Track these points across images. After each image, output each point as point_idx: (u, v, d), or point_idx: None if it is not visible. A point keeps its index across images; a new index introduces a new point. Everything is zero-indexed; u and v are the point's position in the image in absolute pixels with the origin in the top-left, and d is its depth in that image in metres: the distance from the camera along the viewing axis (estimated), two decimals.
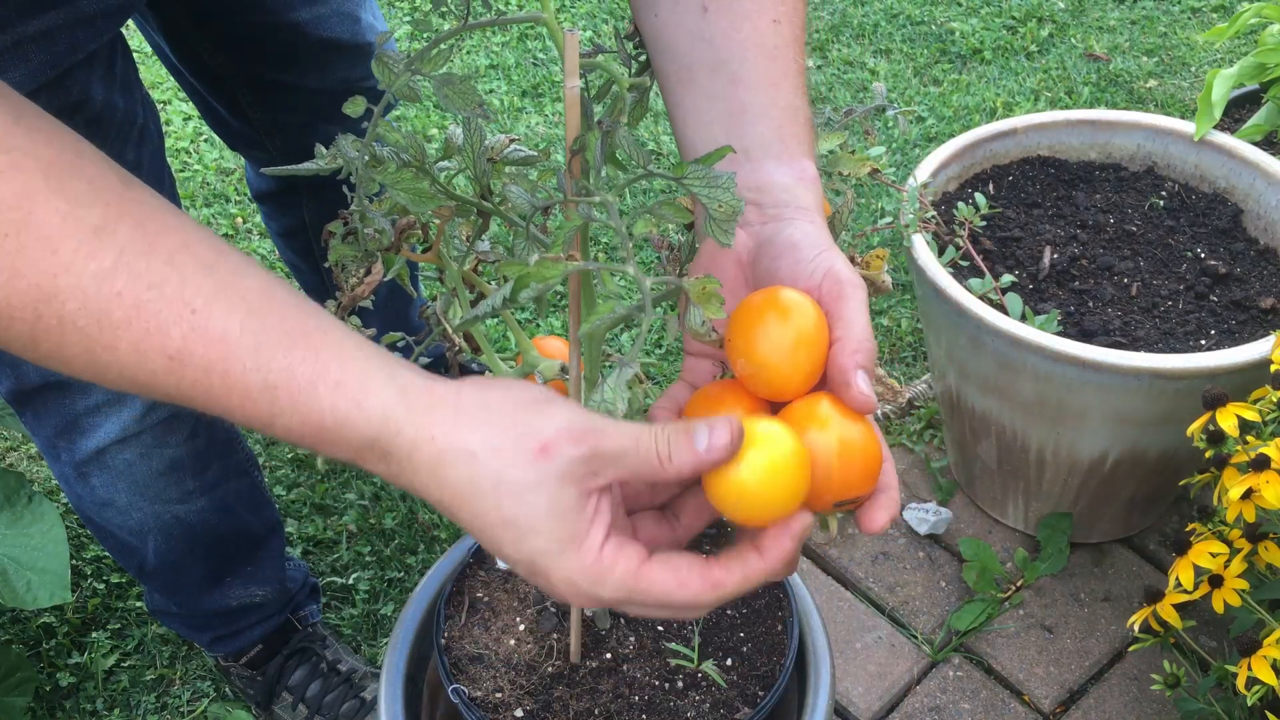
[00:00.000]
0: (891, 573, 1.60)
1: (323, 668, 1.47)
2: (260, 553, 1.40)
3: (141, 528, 1.27)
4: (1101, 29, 2.84)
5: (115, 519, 1.27)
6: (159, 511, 1.26)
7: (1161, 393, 1.33)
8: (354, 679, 1.46)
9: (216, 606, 1.40)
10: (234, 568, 1.38)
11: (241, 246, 2.21)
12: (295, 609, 1.49)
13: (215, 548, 1.34)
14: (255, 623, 1.45)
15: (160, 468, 1.23)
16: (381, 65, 0.73)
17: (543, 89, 2.63)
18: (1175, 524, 1.65)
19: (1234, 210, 1.60)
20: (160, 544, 1.30)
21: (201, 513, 1.29)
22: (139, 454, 1.21)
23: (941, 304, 1.42)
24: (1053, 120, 1.68)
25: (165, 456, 1.22)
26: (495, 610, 1.01)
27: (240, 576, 1.39)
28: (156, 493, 1.25)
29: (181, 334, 0.55)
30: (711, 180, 0.64)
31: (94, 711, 1.49)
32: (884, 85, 0.84)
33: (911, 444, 1.77)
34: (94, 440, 1.19)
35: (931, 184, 1.56)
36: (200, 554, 1.33)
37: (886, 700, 1.45)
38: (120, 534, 1.29)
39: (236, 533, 1.35)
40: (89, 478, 1.22)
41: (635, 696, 0.95)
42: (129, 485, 1.23)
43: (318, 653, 1.48)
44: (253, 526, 1.38)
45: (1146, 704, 1.44)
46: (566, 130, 0.74)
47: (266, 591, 1.42)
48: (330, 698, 1.45)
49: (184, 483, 1.26)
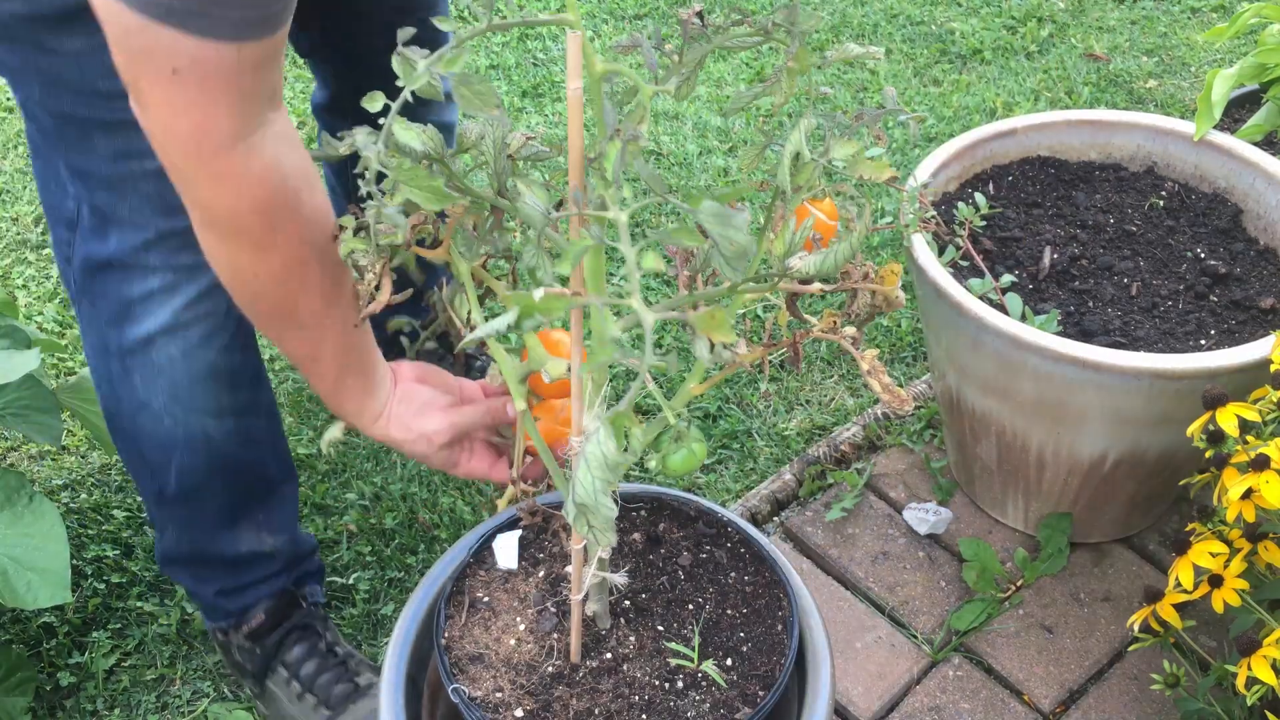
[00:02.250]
0: (891, 573, 1.60)
1: (321, 647, 1.48)
2: (275, 498, 1.43)
3: (170, 440, 1.32)
4: (1101, 29, 2.84)
5: (148, 425, 1.31)
6: (190, 422, 1.31)
7: (1161, 393, 1.33)
8: (350, 663, 1.48)
9: (227, 551, 1.41)
10: (249, 508, 1.41)
11: None
12: (300, 582, 1.50)
13: (235, 480, 1.37)
14: (261, 580, 1.46)
15: (199, 372, 1.29)
16: (402, 62, 0.73)
17: (543, 89, 2.63)
18: (1175, 524, 1.65)
19: (1234, 210, 1.61)
20: (184, 462, 1.33)
21: (228, 435, 1.33)
22: (182, 351, 1.27)
23: (941, 304, 1.42)
24: (1053, 120, 1.69)
25: (205, 360, 1.29)
26: (495, 610, 1.01)
27: (253, 521, 1.41)
28: (191, 399, 1.30)
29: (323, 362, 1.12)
30: (724, 219, 0.64)
31: (94, 711, 1.49)
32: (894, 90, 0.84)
33: (911, 444, 1.77)
34: (143, 327, 1.25)
35: (931, 184, 1.56)
36: (219, 483, 1.36)
37: (886, 700, 1.46)
38: (148, 448, 1.33)
39: (256, 469, 1.39)
40: (131, 373, 1.28)
41: (635, 696, 0.95)
42: (168, 386, 1.29)
43: (318, 632, 1.49)
44: (271, 468, 1.41)
45: (1146, 704, 1.44)
46: (569, 132, 0.74)
47: (277, 541, 1.44)
48: (325, 678, 1.46)
49: (218, 395, 1.31)
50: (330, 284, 1.06)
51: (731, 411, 1.86)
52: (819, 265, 0.80)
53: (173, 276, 1.24)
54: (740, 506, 1.68)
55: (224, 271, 1.05)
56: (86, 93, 1.12)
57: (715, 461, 1.79)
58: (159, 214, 1.19)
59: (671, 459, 0.81)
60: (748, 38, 0.77)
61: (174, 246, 1.22)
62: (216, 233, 1.01)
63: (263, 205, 0.98)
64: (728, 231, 0.65)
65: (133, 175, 1.16)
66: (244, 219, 0.99)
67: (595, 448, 0.63)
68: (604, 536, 0.61)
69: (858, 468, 1.75)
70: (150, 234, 1.20)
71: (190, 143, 0.93)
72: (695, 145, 2.43)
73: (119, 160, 1.16)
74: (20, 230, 2.26)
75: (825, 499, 1.70)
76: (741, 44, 0.77)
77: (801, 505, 1.71)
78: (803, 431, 1.82)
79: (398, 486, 1.74)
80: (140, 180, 1.16)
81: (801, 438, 1.82)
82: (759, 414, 1.86)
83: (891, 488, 1.71)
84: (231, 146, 0.94)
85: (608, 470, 0.63)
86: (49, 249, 2.22)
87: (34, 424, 1.44)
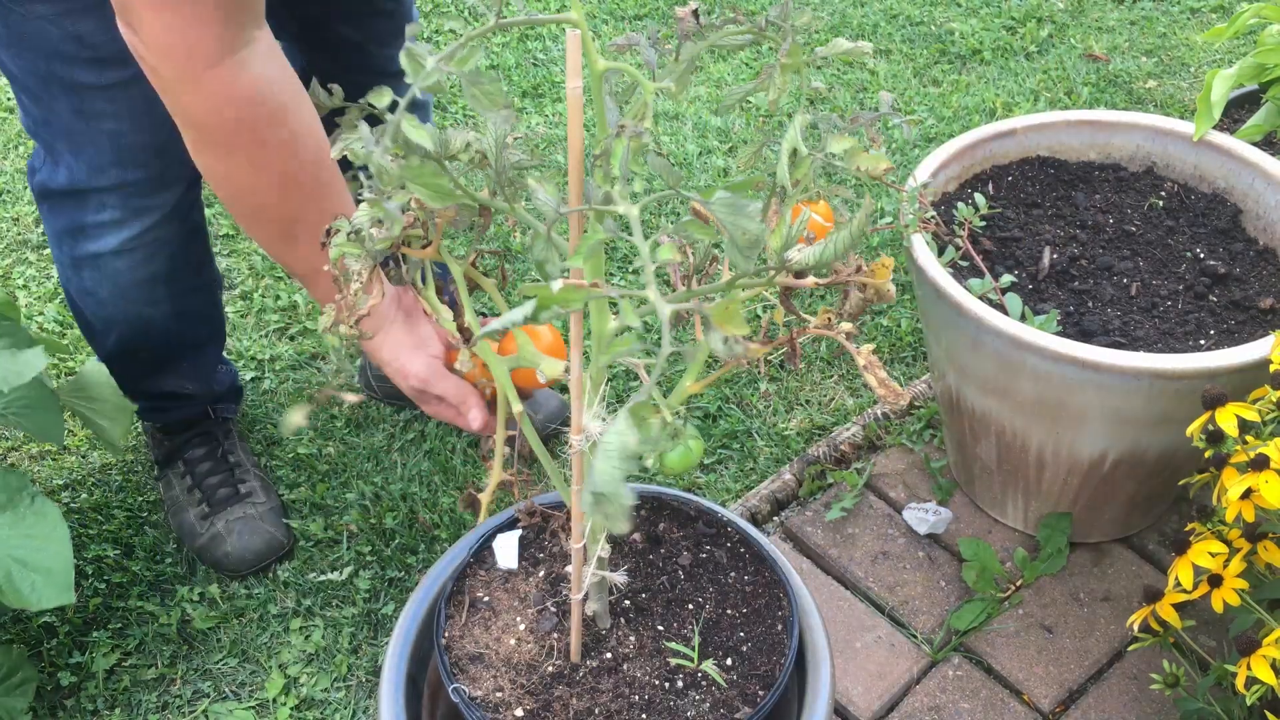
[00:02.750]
0: (891, 572, 1.60)
1: (218, 453, 1.72)
2: (199, 357, 1.67)
3: (111, 319, 1.53)
4: (1101, 29, 2.84)
5: (92, 307, 1.52)
6: (129, 310, 1.51)
7: (1161, 393, 1.33)
8: (237, 471, 1.71)
9: (151, 389, 1.66)
10: (175, 363, 1.63)
11: (241, 247, 2.21)
12: (215, 403, 1.74)
13: (164, 345, 1.59)
14: (180, 409, 1.71)
15: (142, 278, 1.48)
16: (410, 59, 0.73)
17: (543, 89, 2.63)
18: (1175, 524, 1.65)
19: (1233, 210, 1.61)
20: (123, 334, 1.55)
21: (164, 317, 1.54)
22: (128, 265, 1.46)
23: (941, 304, 1.42)
24: (1052, 121, 1.69)
25: (149, 270, 1.48)
26: (495, 610, 1.02)
27: (175, 372, 1.64)
28: (134, 297, 1.50)
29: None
30: (738, 208, 0.65)
31: (95, 711, 1.50)
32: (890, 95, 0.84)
33: (911, 444, 1.78)
34: (94, 246, 1.44)
35: (931, 184, 1.56)
36: (150, 348, 1.59)
37: (886, 700, 1.46)
38: (93, 320, 1.54)
39: (184, 336, 1.61)
40: (81, 270, 1.47)
41: (635, 696, 0.95)
42: (112, 286, 1.48)
43: (218, 440, 1.73)
44: (199, 334, 1.64)
45: (1146, 703, 1.44)
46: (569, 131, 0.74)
47: (194, 387, 1.68)
48: (212, 480, 1.69)
49: (156, 291, 1.51)
50: (325, 196, 1.11)
51: (731, 411, 1.86)
52: (819, 255, 0.80)
53: (123, 214, 1.41)
54: (740, 506, 1.68)
55: (222, 189, 1.14)
56: (48, 54, 1.25)
57: (715, 461, 1.79)
58: (115, 166, 1.36)
59: (669, 456, 0.81)
60: (741, 35, 0.78)
61: (128, 194, 1.39)
62: (211, 151, 1.09)
63: (251, 118, 1.05)
64: (740, 220, 0.65)
65: (91, 132, 1.32)
66: (235, 133, 1.06)
67: (616, 437, 0.63)
68: (619, 525, 0.62)
69: (857, 468, 1.75)
70: (105, 182, 1.37)
71: (181, 59, 1.01)
72: (695, 145, 2.43)
73: (78, 117, 1.31)
74: (20, 230, 2.26)
75: (825, 499, 1.70)
76: (736, 42, 0.78)
77: (801, 505, 1.71)
78: (803, 431, 1.83)
79: (398, 486, 1.75)
80: (97, 137, 1.32)
81: (801, 438, 1.82)
82: (759, 414, 1.86)
83: (891, 488, 1.71)
84: (219, 62, 1.02)
85: (627, 460, 0.63)
86: (49, 249, 2.22)
87: (35, 424, 1.44)
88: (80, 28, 1.24)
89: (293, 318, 2.06)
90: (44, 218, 1.48)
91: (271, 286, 2.12)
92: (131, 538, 1.69)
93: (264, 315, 2.06)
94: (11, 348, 1.33)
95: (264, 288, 2.12)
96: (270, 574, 1.65)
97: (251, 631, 1.58)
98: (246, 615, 1.60)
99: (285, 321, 2.06)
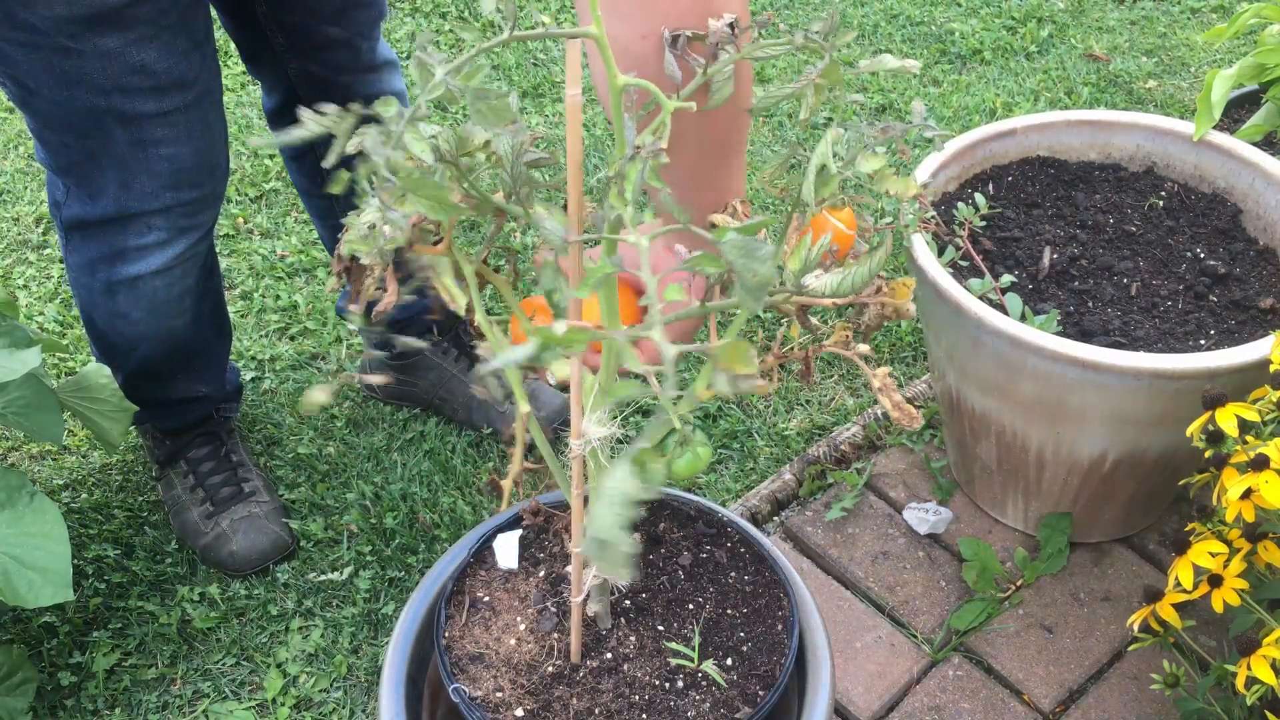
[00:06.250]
0: (891, 572, 1.60)
1: (221, 452, 1.73)
2: (212, 357, 1.68)
3: (140, 337, 1.55)
4: (1101, 29, 2.84)
5: (122, 328, 1.53)
6: (159, 326, 1.54)
7: (1161, 393, 1.33)
8: (239, 470, 1.72)
9: (167, 396, 1.67)
10: (190, 367, 1.65)
11: (241, 247, 2.21)
12: (220, 405, 1.75)
13: (183, 352, 1.61)
14: (192, 409, 1.71)
15: (176, 294, 1.51)
16: (420, 69, 0.73)
17: (543, 89, 2.63)
18: (1175, 524, 1.65)
19: (1233, 210, 1.61)
20: (148, 350, 1.57)
21: (185, 326, 1.57)
22: (165, 283, 1.49)
23: (941, 304, 1.42)
24: (1052, 121, 1.69)
25: (184, 285, 1.52)
26: (496, 610, 1.02)
27: (190, 375, 1.66)
28: (165, 313, 1.52)
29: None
30: (749, 250, 0.64)
31: (95, 711, 1.50)
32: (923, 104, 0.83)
33: (911, 444, 1.78)
34: (133, 269, 1.46)
35: (931, 184, 1.56)
36: (171, 357, 1.60)
37: (886, 700, 1.46)
38: (118, 341, 1.56)
39: (201, 340, 1.63)
40: (115, 295, 1.49)
41: (635, 696, 0.95)
42: (148, 305, 1.51)
43: (221, 439, 1.74)
44: (212, 334, 1.66)
45: (1146, 703, 1.44)
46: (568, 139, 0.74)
47: (208, 388, 1.70)
48: (215, 479, 1.70)
49: (185, 302, 1.54)
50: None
51: (731, 411, 1.86)
52: (835, 286, 0.80)
53: (169, 234, 1.44)
54: (740, 506, 1.68)
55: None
56: (108, 89, 1.29)
57: (715, 461, 1.79)
58: (170, 189, 1.39)
59: (677, 463, 0.81)
60: (778, 46, 0.76)
61: (177, 215, 1.42)
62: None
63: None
64: (751, 263, 0.64)
65: (147, 159, 1.36)
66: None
67: (618, 484, 0.62)
68: (620, 572, 0.61)
69: (858, 467, 1.75)
70: (156, 205, 1.40)
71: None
72: None
73: (135, 147, 1.35)
74: (21, 230, 2.26)
75: (825, 499, 1.70)
76: (769, 55, 0.77)
77: (801, 505, 1.71)
78: (803, 431, 1.83)
79: (398, 486, 1.75)
80: (154, 162, 1.36)
81: (801, 437, 1.82)
82: (759, 414, 1.86)
83: (891, 487, 1.71)
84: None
85: (628, 507, 0.62)
86: (50, 249, 2.22)
87: (35, 423, 1.44)
88: (145, 55, 1.28)
89: (293, 318, 2.07)
90: (72, 247, 1.48)
91: (271, 286, 2.12)
92: (131, 538, 1.69)
93: (264, 315, 2.07)
94: (10, 346, 1.33)
95: (264, 288, 2.12)
96: (270, 574, 1.65)
97: (251, 631, 1.58)
98: (246, 615, 1.60)
99: (285, 321, 2.06)
